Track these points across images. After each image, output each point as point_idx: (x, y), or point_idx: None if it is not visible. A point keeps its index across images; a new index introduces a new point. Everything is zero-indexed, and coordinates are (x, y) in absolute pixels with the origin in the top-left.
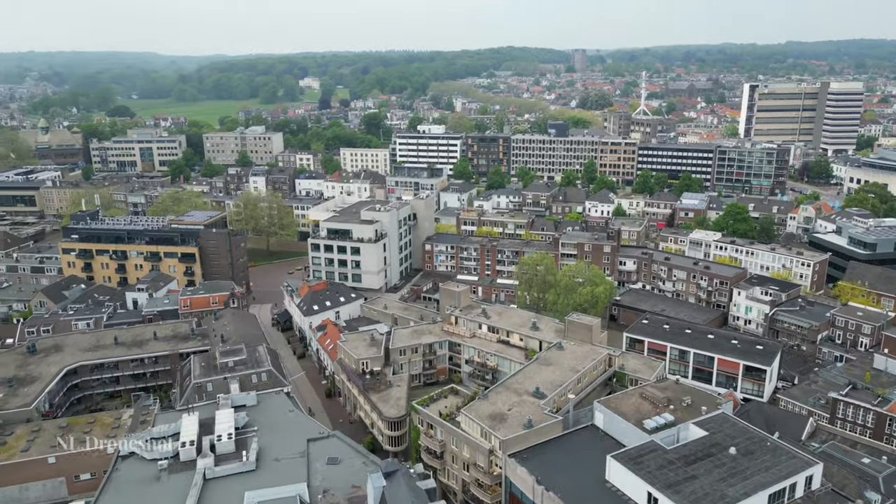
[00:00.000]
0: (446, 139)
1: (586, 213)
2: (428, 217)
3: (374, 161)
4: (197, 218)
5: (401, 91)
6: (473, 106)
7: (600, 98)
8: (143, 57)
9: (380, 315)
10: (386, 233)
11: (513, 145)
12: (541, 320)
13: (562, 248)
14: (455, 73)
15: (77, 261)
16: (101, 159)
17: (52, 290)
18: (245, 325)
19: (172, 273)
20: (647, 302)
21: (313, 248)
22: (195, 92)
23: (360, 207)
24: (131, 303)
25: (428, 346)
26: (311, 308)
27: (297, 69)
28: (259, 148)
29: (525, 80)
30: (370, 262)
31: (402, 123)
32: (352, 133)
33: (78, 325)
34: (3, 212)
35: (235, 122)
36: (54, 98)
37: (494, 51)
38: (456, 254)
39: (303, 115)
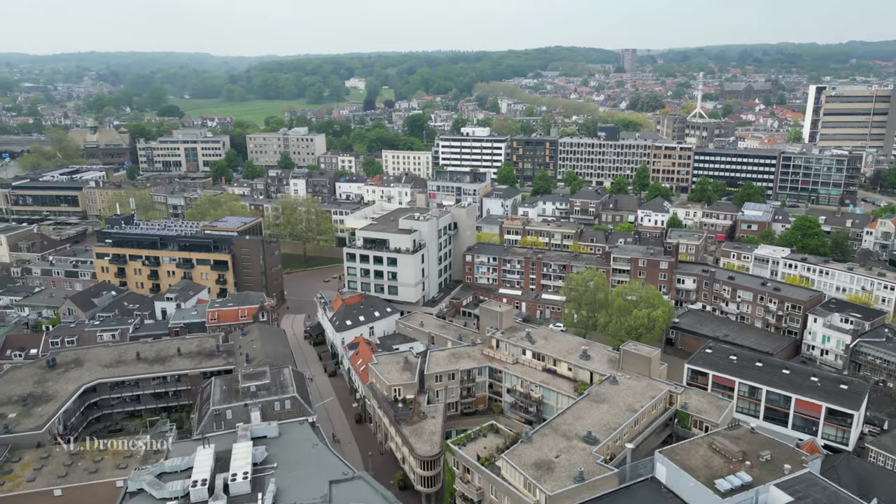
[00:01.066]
0: (490, 142)
1: (638, 223)
2: (469, 226)
3: (415, 164)
4: (231, 224)
5: (445, 92)
6: (519, 107)
7: (652, 99)
8: (197, 58)
9: (415, 333)
10: (425, 243)
11: (560, 148)
12: (592, 347)
13: (613, 263)
14: (501, 73)
15: (110, 266)
16: (147, 159)
17: (81, 297)
18: (273, 343)
19: (205, 280)
20: (709, 325)
21: (348, 258)
22: (243, 92)
23: (398, 215)
24: (160, 312)
25: (466, 372)
26: (344, 323)
27: (343, 69)
28: (301, 149)
29: (573, 81)
30: (407, 274)
31: (446, 125)
32: (394, 135)
33: (103, 337)
34: (47, 211)
35: (280, 122)
36: (109, 97)
37: (542, 51)
38: (498, 266)
39: (347, 115)
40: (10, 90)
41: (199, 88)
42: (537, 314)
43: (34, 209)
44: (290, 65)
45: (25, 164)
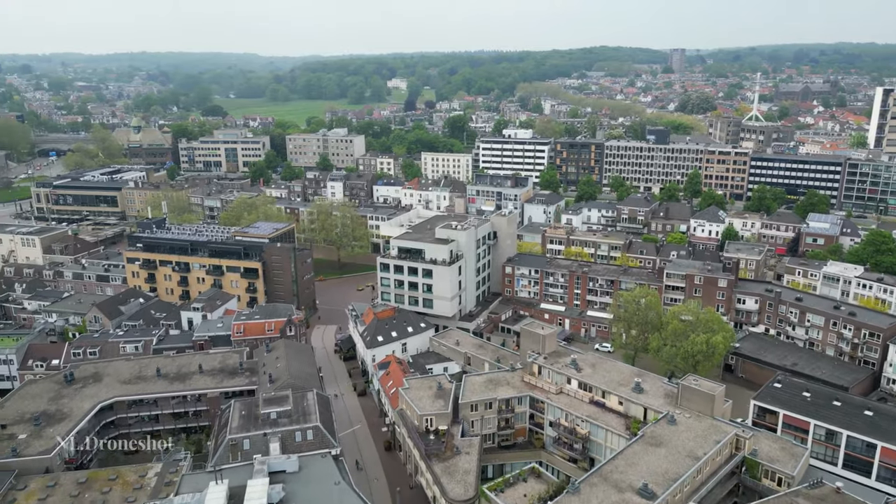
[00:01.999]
0: (533, 144)
1: (691, 234)
2: (510, 235)
3: (455, 166)
4: (262, 230)
5: (487, 92)
6: (563, 108)
7: (702, 101)
8: (245, 58)
9: (450, 352)
10: (462, 254)
11: (606, 152)
12: (645, 378)
13: (666, 279)
14: (544, 73)
15: (140, 271)
16: (189, 159)
17: (108, 305)
18: (299, 361)
19: (234, 289)
20: (774, 352)
21: (382, 269)
22: (287, 92)
23: (435, 223)
24: (186, 322)
25: (505, 401)
26: (375, 339)
27: (385, 70)
28: (340, 151)
29: (619, 81)
30: (443, 286)
31: (487, 126)
32: (434, 137)
33: (126, 349)
34: (87, 211)
35: (321, 122)
36: (156, 97)
37: (587, 50)
38: (540, 279)
39: (387, 116)
40: (64, 89)
41: (244, 88)
42: (582, 332)
43: (74, 209)
44: (334, 65)
45: (69, 163)
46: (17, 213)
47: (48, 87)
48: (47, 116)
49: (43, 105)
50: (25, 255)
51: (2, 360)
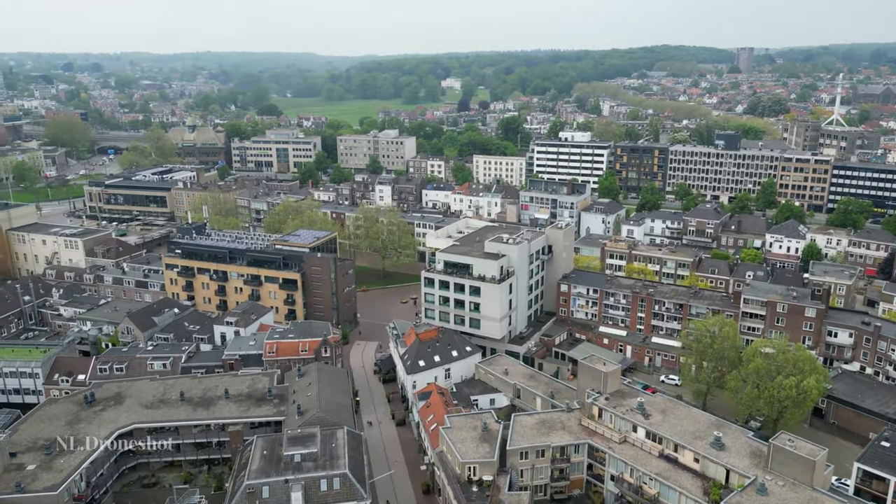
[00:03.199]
0: (591, 148)
1: (767, 250)
2: (567, 249)
3: (508, 170)
4: (303, 239)
5: (543, 92)
6: (622, 109)
7: (774, 103)
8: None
9: (498, 382)
10: (513, 270)
11: (671, 157)
12: (726, 430)
13: (744, 305)
14: (603, 73)
15: (179, 278)
16: (241, 158)
17: (141, 315)
18: (332, 389)
19: (272, 300)
20: (873, 396)
21: (426, 283)
22: (342, 91)
23: (485, 235)
24: (219, 337)
25: (560, 449)
26: (416, 364)
27: (440, 69)
28: (391, 152)
29: (681, 82)
30: (492, 306)
31: (542, 128)
32: (487, 139)
33: (153, 366)
34: (137, 211)
35: (374, 122)
36: (215, 96)
37: (648, 49)
38: (599, 299)
39: (440, 116)
40: (129, 87)
41: (301, 87)
42: (646, 361)
43: (125, 208)
44: (389, 64)
45: (124, 162)
46: (70, 212)
47: (115, 86)
48: (110, 114)
49: (108, 103)
50: (69, 257)
51: (27, 373)
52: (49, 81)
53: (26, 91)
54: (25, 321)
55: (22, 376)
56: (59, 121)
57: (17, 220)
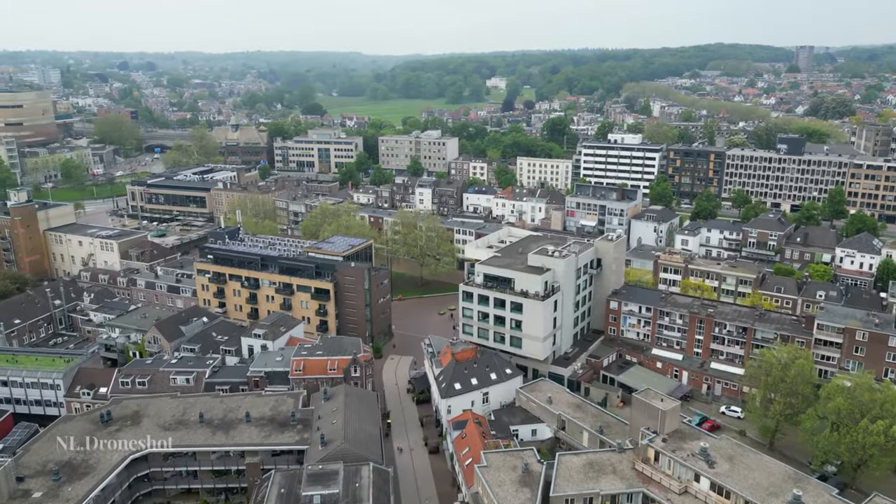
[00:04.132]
0: (642, 151)
1: (837, 265)
2: (617, 262)
3: (553, 173)
4: (337, 246)
5: (591, 92)
6: (674, 110)
7: (838, 104)
8: (349, 56)
9: (541, 411)
10: (559, 285)
11: (728, 162)
12: (806, 486)
13: (817, 331)
14: (653, 72)
15: (210, 285)
16: (283, 158)
17: (168, 324)
18: (359, 416)
19: (304, 310)
20: None
21: (465, 297)
22: (386, 91)
23: (528, 245)
24: (246, 350)
25: (611, 497)
26: (452, 386)
27: (485, 69)
28: (433, 154)
29: (736, 82)
30: (534, 324)
31: (590, 129)
32: (532, 140)
33: (177, 380)
34: (177, 211)
35: (417, 122)
36: (262, 95)
37: (700, 48)
38: (653, 318)
39: (484, 116)
40: (180, 86)
41: (346, 86)
42: (703, 389)
43: (165, 208)
44: (434, 63)
45: (167, 161)
46: (113, 211)
47: (167, 84)
48: (160, 113)
49: (158, 101)
50: (104, 258)
51: (49, 384)
52: (104, 80)
53: (81, 89)
54: (55, 325)
55: (43, 387)
56: (108, 119)
57: (55, 220)
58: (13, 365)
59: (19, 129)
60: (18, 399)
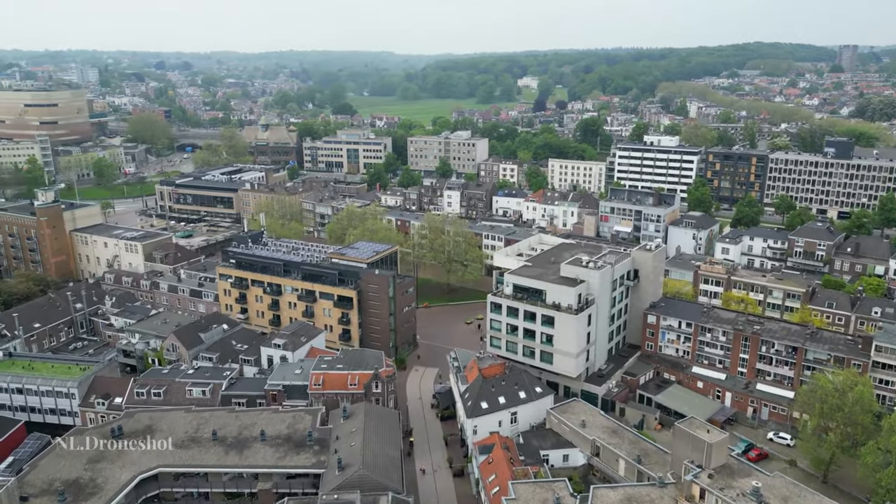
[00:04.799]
0: (679, 153)
1: (891, 279)
2: (656, 273)
3: (586, 176)
4: (361, 252)
5: (625, 92)
6: (712, 111)
7: (886, 105)
8: (381, 56)
9: (573, 435)
10: (593, 298)
11: (771, 166)
12: None
13: (875, 354)
14: (689, 72)
15: (232, 290)
16: (312, 158)
17: (187, 332)
18: (379, 438)
19: (327, 318)
20: None
21: (493, 309)
22: (417, 90)
23: (560, 254)
24: (266, 360)
25: None
26: (478, 405)
27: (516, 68)
28: (462, 155)
29: (777, 81)
30: (567, 339)
31: (624, 130)
32: (564, 141)
33: (192, 392)
34: (204, 211)
35: (447, 122)
36: (294, 94)
37: (739, 47)
38: (694, 334)
39: (515, 117)
40: (214, 85)
41: (377, 86)
42: (749, 412)
43: (193, 209)
44: (465, 63)
45: (197, 161)
46: (142, 210)
47: (201, 84)
48: (193, 112)
49: (192, 100)
50: (128, 260)
51: (63, 393)
52: (140, 79)
53: (118, 88)
54: (76, 329)
55: (58, 396)
56: (141, 118)
57: (82, 221)
58: (29, 372)
59: (54, 127)
60: (33, 407)
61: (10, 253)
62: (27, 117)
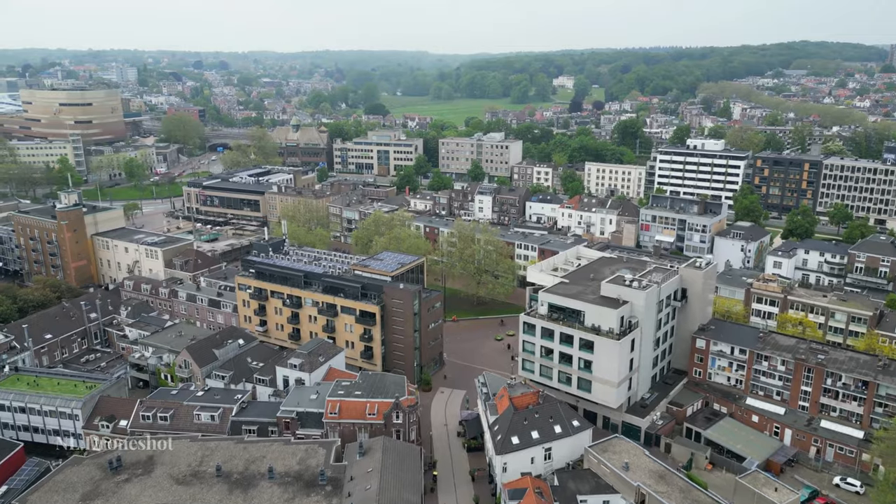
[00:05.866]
0: (725, 158)
1: None
2: (706, 292)
3: (625, 181)
4: (386, 264)
5: (664, 92)
6: (757, 113)
7: None
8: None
9: (615, 479)
10: (637, 321)
11: (825, 172)
12: None
13: None
14: (732, 72)
15: (251, 301)
16: (342, 160)
17: (201, 348)
18: (397, 481)
19: (349, 333)
20: None
21: (526, 329)
22: (450, 90)
23: (600, 271)
24: (281, 381)
25: None
26: (509, 440)
27: (552, 67)
28: (495, 157)
29: (825, 82)
30: (608, 366)
31: (664, 132)
32: (601, 143)
33: (201, 417)
34: (231, 214)
35: (479, 123)
36: (328, 94)
37: (784, 46)
38: (748, 362)
39: (550, 117)
40: (250, 84)
41: (410, 85)
42: (811, 452)
43: (220, 211)
44: (499, 62)
45: (226, 161)
46: (169, 212)
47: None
48: (227, 111)
49: (226, 100)
50: (149, 266)
51: (67, 413)
52: (178, 78)
53: (155, 87)
54: (90, 340)
55: (61, 416)
56: (174, 117)
57: (104, 225)
58: (34, 388)
59: (88, 126)
60: (36, 427)
61: (31, 257)
62: (62, 116)
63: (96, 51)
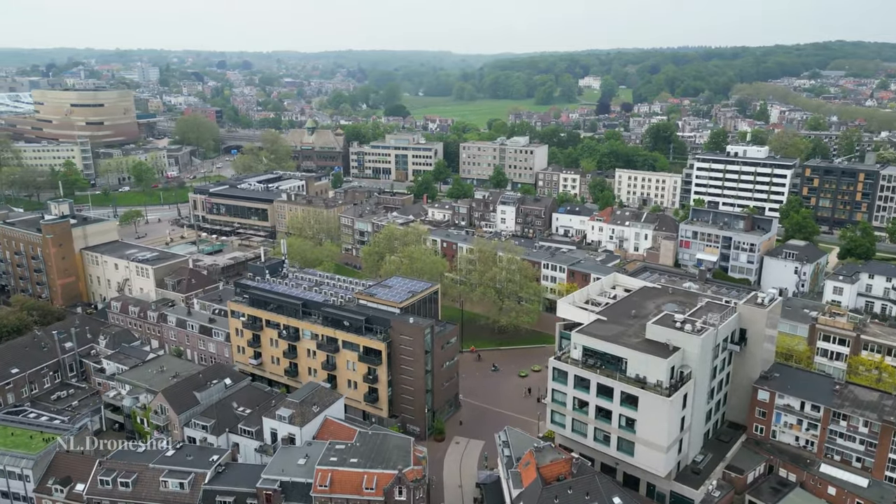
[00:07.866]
0: (769, 166)
1: None
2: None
3: (659, 189)
4: (394, 292)
5: (695, 94)
6: (797, 116)
7: None
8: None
9: None
10: (691, 371)
11: (882, 184)
12: None
13: None
14: (766, 72)
15: (245, 330)
16: (358, 164)
17: (180, 390)
18: None
19: (351, 372)
20: None
21: (557, 377)
22: (473, 91)
23: (643, 304)
24: (268, 435)
25: None
26: None
27: (578, 67)
28: (518, 163)
29: (865, 83)
30: (655, 427)
31: (698, 136)
32: (632, 148)
33: (168, 485)
34: (238, 223)
35: (502, 125)
36: (349, 94)
37: (820, 46)
38: (823, 420)
39: (576, 119)
40: (271, 84)
41: (433, 86)
42: None
43: (227, 219)
44: (523, 62)
45: (237, 165)
46: (175, 220)
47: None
48: (245, 112)
49: (245, 100)
50: (139, 285)
51: (17, 473)
52: (200, 78)
53: (176, 87)
54: (64, 374)
55: (10, 476)
56: (188, 118)
57: (94, 238)
58: None
59: (100, 128)
60: None
61: (17, 272)
62: (73, 117)
63: (123, 50)
